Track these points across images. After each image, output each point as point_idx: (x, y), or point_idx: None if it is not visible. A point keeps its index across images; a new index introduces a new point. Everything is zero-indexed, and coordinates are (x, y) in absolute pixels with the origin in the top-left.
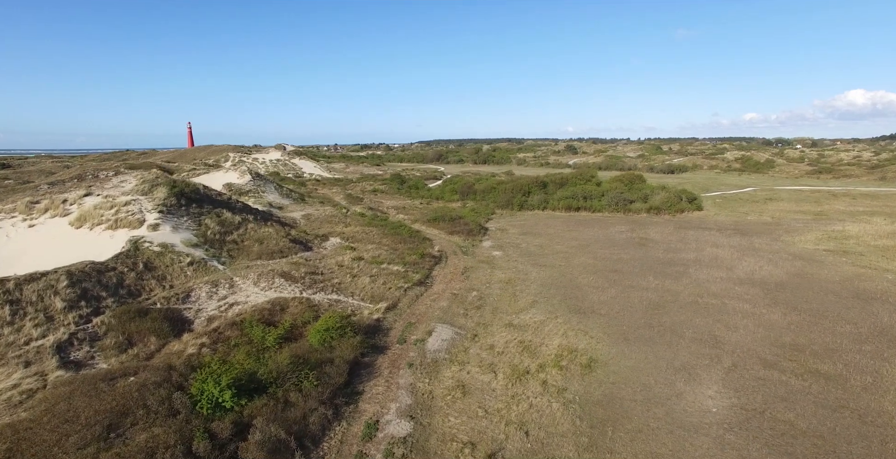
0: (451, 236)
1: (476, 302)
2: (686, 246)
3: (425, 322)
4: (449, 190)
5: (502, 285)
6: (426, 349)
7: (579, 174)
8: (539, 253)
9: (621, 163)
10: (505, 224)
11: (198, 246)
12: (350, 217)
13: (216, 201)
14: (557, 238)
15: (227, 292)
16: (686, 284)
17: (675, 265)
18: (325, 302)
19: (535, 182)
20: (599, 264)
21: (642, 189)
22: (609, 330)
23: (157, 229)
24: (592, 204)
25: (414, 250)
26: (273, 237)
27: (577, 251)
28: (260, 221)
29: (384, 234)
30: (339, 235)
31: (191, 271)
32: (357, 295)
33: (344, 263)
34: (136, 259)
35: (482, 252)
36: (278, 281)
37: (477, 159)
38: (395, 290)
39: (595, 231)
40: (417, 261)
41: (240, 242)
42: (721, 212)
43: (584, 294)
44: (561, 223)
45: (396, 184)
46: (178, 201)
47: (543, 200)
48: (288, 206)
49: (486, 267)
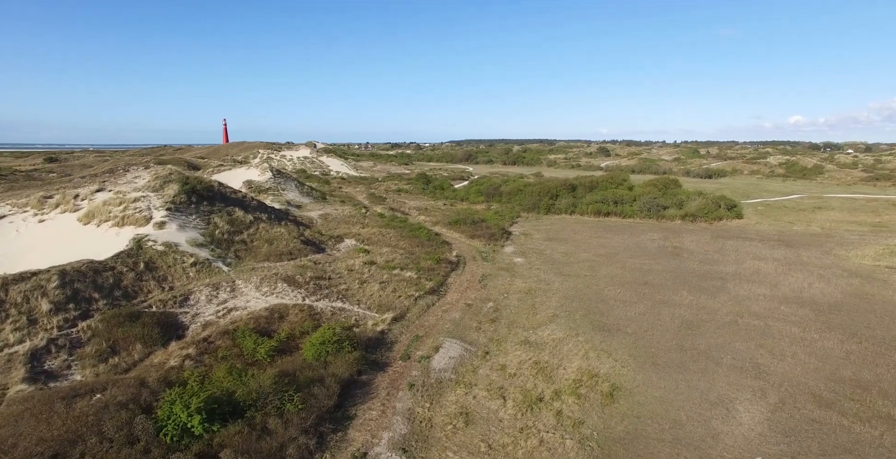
0: (472, 240)
1: (491, 315)
2: (724, 258)
3: (433, 335)
4: (474, 191)
5: (521, 296)
6: (431, 367)
7: (610, 177)
8: (563, 262)
9: (655, 167)
10: (530, 228)
11: (203, 246)
12: (368, 217)
13: (230, 199)
14: (584, 245)
15: (227, 296)
16: (724, 301)
17: (712, 278)
18: (329, 311)
19: (564, 184)
20: (628, 275)
21: (677, 194)
22: (636, 351)
23: (163, 227)
24: (623, 209)
25: (430, 255)
26: (284, 238)
27: (604, 260)
28: (273, 221)
29: (401, 237)
30: (355, 237)
31: (193, 272)
32: (364, 303)
33: (354, 267)
34: (138, 258)
35: (503, 258)
36: (281, 285)
37: (506, 160)
38: (405, 299)
39: (625, 238)
40: (432, 267)
41: (249, 242)
42: (763, 221)
43: (609, 308)
44: (589, 229)
45: (421, 184)
46: (188, 199)
47: (571, 204)
48: (307, 205)
49: (506, 276)
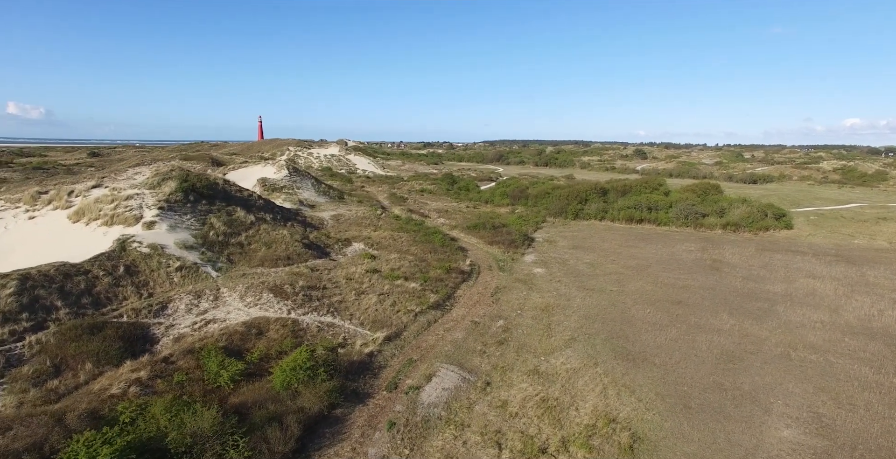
0: (490, 246)
1: (499, 335)
2: (772, 275)
3: (429, 360)
4: (499, 193)
5: (537, 313)
6: (419, 401)
7: (645, 181)
8: (588, 274)
9: (695, 171)
10: (555, 234)
11: (193, 248)
12: (383, 219)
13: (234, 198)
14: (613, 255)
15: (209, 305)
16: (773, 328)
17: (758, 299)
18: (315, 326)
19: (594, 188)
20: (660, 292)
21: (718, 201)
22: (664, 389)
23: (152, 227)
24: (658, 216)
25: (442, 263)
26: (285, 241)
27: (634, 273)
28: (278, 222)
29: (414, 241)
30: (364, 240)
31: (178, 277)
32: (357, 318)
33: (354, 276)
34: (118, 261)
35: (522, 268)
36: (266, 296)
37: (538, 161)
38: (404, 314)
39: (658, 248)
40: (441, 277)
41: (246, 245)
42: (817, 233)
43: (636, 332)
44: (619, 236)
45: (446, 185)
46: (184, 197)
47: (602, 209)
48: (321, 205)
49: (522, 288)
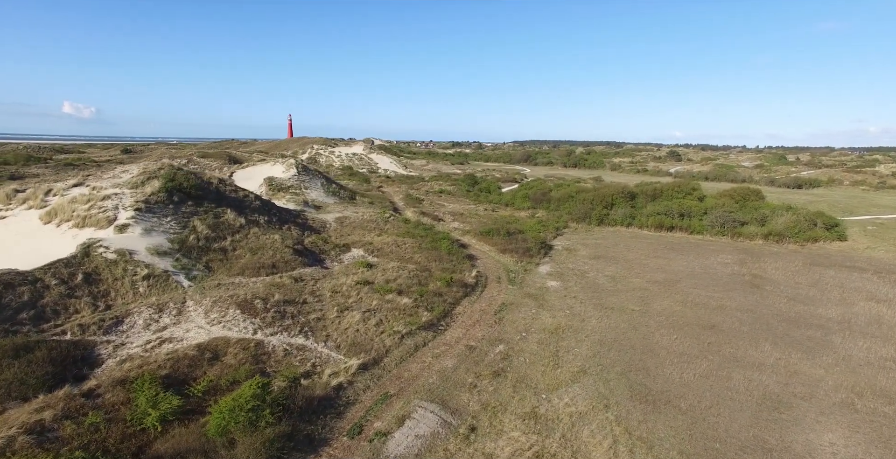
0: (503, 255)
1: (496, 364)
2: (824, 296)
3: (408, 395)
4: (521, 195)
5: (544, 337)
6: (384, 453)
7: (677, 185)
8: (609, 289)
9: (733, 174)
10: (576, 242)
11: (167, 254)
12: (390, 223)
13: (227, 198)
14: (638, 267)
15: (170, 321)
16: (829, 366)
17: (808, 326)
18: (282, 350)
19: (622, 192)
20: (689, 313)
21: (759, 207)
22: (691, 446)
23: (124, 231)
24: (691, 223)
25: (445, 273)
26: (275, 246)
27: (660, 289)
28: (273, 225)
29: (419, 248)
30: (365, 246)
31: (144, 287)
32: (333, 339)
33: (341, 288)
34: (77, 268)
35: (534, 280)
36: (232, 312)
37: (567, 162)
38: (389, 336)
39: (689, 260)
40: (440, 291)
41: (230, 251)
42: (878, 246)
43: (659, 365)
44: (646, 246)
45: (466, 186)
46: (168, 197)
47: (629, 215)
48: (329, 206)
49: (531, 306)
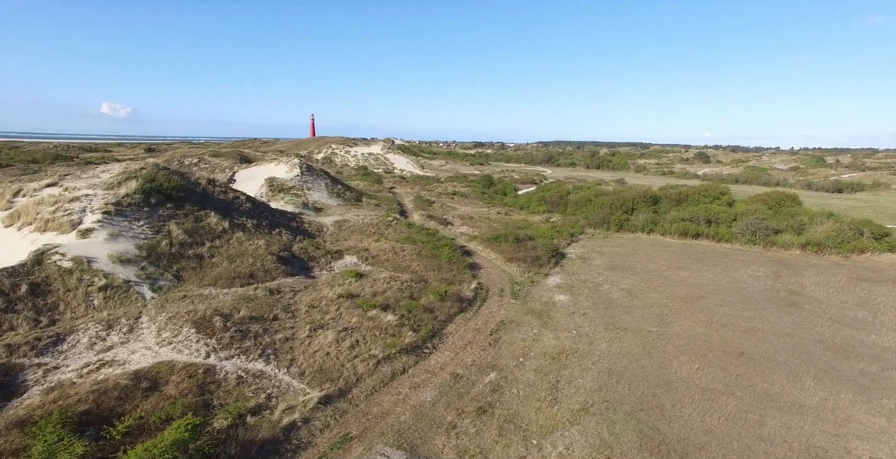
0: (510, 264)
1: (484, 398)
2: (876, 319)
3: (372, 438)
4: (537, 198)
5: (544, 363)
6: None
7: (704, 189)
8: (623, 305)
9: (766, 177)
10: (591, 249)
11: (132, 262)
12: (393, 227)
13: (213, 200)
14: (658, 279)
15: (118, 339)
16: (891, 411)
17: (859, 357)
18: (235, 377)
19: (644, 196)
20: (714, 337)
21: (796, 214)
22: None
23: (87, 236)
24: (719, 230)
25: (442, 284)
26: (257, 253)
27: (682, 306)
28: (261, 229)
29: (418, 255)
30: (360, 253)
31: (100, 299)
32: (298, 365)
33: (320, 302)
34: (24, 278)
35: (541, 293)
36: (186, 331)
37: (590, 163)
38: (363, 361)
39: (716, 272)
40: (432, 306)
41: (206, 258)
42: None
43: (676, 403)
44: (669, 255)
45: (481, 188)
46: (144, 199)
47: (651, 220)
48: (330, 208)
49: (534, 324)
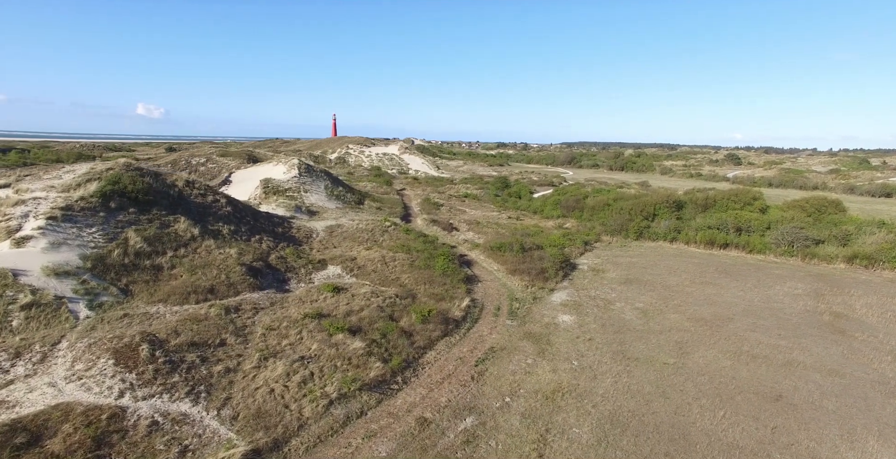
0: (512, 276)
1: (453, 455)
2: None
3: None
4: (552, 202)
5: (534, 406)
6: None
7: (734, 193)
8: (637, 328)
9: (803, 180)
10: (606, 260)
11: (71, 275)
12: (390, 233)
13: (187, 204)
14: (679, 296)
15: (24, 371)
16: None
17: None
18: (147, 424)
19: (667, 201)
20: (744, 373)
21: (840, 222)
22: None
23: (23, 244)
24: (750, 240)
25: (431, 300)
26: (225, 264)
27: (706, 331)
28: (239, 235)
29: (410, 266)
30: (347, 263)
31: (20, 320)
32: (232, 405)
33: (280, 324)
34: None
35: (542, 313)
36: (103, 362)
37: (614, 165)
38: (312, 402)
39: (747, 288)
40: (412, 328)
41: (166, 269)
42: None
43: None
44: (693, 267)
45: (495, 190)
46: (102, 203)
47: (674, 228)
48: (327, 211)
49: (529, 352)
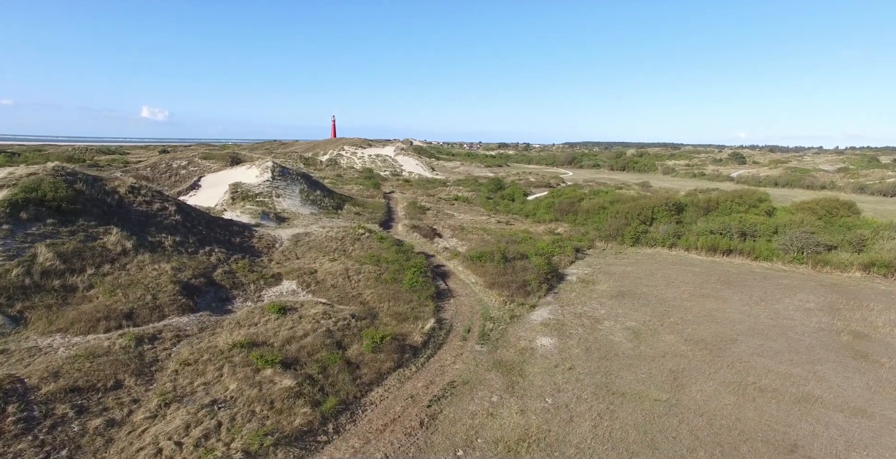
0: (490, 290)
1: None
2: None
3: None
4: (545, 205)
5: None
6: None
7: (739, 194)
8: (627, 353)
9: (810, 180)
10: (598, 269)
11: None
12: (361, 241)
13: (125, 212)
14: (677, 312)
15: None
16: None
17: None
18: None
19: (666, 203)
20: (750, 414)
21: (853, 225)
22: None
23: None
24: (756, 246)
25: (393, 320)
26: (156, 282)
27: (705, 356)
28: (184, 247)
29: (376, 280)
30: (304, 277)
31: None
32: None
33: (199, 358)
34: None
35: (519, 335)
36: None
37: (615, 165)
38: None
39: (753, 302)
40: (359, 359)
41: (80, 290)
42: None
43: None
44: (693, 277)
45: (487, 192)
46: (10, 213)
47: (673, 232)
48: (298, 218)
49: (496, 386)
